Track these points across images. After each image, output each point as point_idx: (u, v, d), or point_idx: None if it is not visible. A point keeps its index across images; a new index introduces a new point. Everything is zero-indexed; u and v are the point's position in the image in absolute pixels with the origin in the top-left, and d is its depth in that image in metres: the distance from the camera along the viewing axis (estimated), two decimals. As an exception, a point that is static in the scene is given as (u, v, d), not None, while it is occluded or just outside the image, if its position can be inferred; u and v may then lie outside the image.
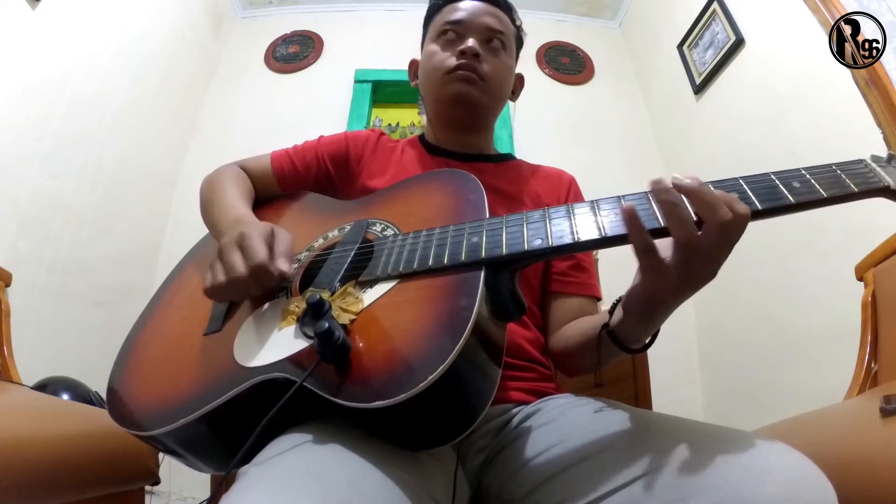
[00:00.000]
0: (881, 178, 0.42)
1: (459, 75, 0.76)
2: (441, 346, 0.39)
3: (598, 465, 0.45)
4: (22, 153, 1.58)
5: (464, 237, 0.49)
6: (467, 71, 0.76)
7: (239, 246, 0.52)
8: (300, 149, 0.83)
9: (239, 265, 0.50)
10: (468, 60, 0.76)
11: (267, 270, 0.50)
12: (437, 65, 0.78)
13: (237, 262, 0.51)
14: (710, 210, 0.40)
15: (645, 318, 0.49)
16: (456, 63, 0.76)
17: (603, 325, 0.55)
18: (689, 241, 0.41)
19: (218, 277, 0.51)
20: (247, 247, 0.51)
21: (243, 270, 0.50)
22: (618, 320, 0.52)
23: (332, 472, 0.37)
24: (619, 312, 0.52)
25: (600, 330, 0.55)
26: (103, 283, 1.89)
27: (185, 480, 1.77)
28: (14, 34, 1.55)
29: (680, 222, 0.41)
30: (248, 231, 0.53)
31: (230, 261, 0.51)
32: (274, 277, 0.51)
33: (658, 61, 2.61)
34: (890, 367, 0.98)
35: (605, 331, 0.55)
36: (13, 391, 1.03)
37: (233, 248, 0.52)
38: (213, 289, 0.52)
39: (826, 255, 1.48)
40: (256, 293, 0.53)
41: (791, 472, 0.36)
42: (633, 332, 0.52)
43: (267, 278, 0.50)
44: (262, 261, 0.50)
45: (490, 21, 0.80)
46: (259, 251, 0.51)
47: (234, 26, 2.90)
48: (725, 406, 1.97)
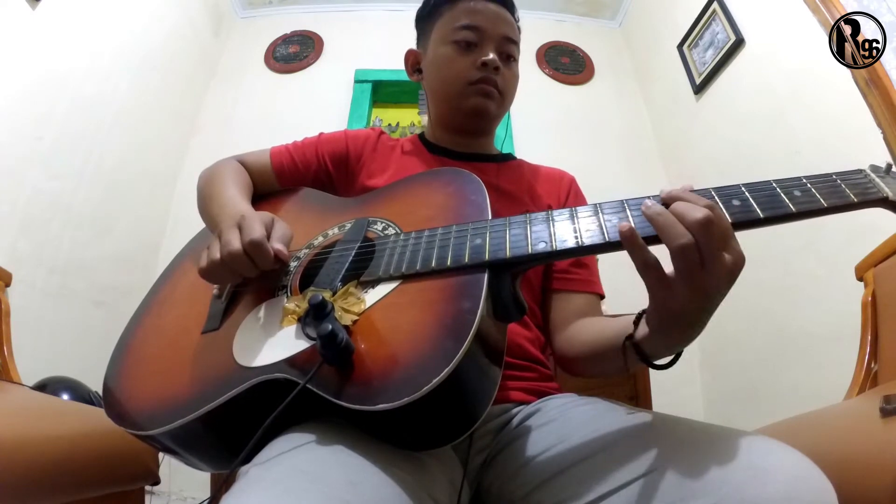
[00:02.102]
0: (880, 189, 0.43)
1: (480, 89, 0.76)
2: (445, 349, 0.39)
3: (598, 465, 0.45)
4: (22, 153, 1.57)
5: (466, 238, 0.49)
6: (489, 86, 0.76)
7: (238, 225, 0.53)
8: (300, 145, 0.82)
9: (235, 241, 0.51)
10: (490, 74, 0.76)
11: (263, 247, 0.50)
12: (457, 74, 0.77)
13: (233, 238, 0.51)
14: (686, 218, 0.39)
15: (664, 334, 0.46)
16: (479, 76, 0.76)
17: (627, 337, 0.52)
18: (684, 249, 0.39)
19: (213, 255, 0.52)
20: (245, 226, 0.52)
21: (238, 246, 0.50)
22: (643, 335, 0.50)
23: (332, 473, 0.37)
24: (643, 327, 0.50)
25: (625, 341, 0.52)
26: (103, 283, 1.89)
27: (185, 480, 1.77)
28: (14, 34, 1.55)
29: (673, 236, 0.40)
30: (248, 214, 0.54)
31: (227, 237, 0.52)
32: (269, 257, 0.51)
33: (658, 61, 2.60)
34: (890, 367, 0.98)
35: (629, 342, 0.52)
36: (13, 391, 1.02)
37: (231, 228, 0.53)
38: (208, 267, 0.52)
39: (826, 255, 1.48)
40: (251, 273, 0.52)
41: (791, 472, 0.36)
42: (657, 349, 0.49)
43: (263, 257, 0.51)
44: (260, 237, 0.50)
45: (506, 30, 0.79)
46: (256, 229, 0.51)
47: (234, 26, 2.90)
48: (725, 406, 1.97)
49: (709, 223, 0.39)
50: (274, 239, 0.53)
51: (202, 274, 0.53)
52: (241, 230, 0.52)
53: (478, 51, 0.77)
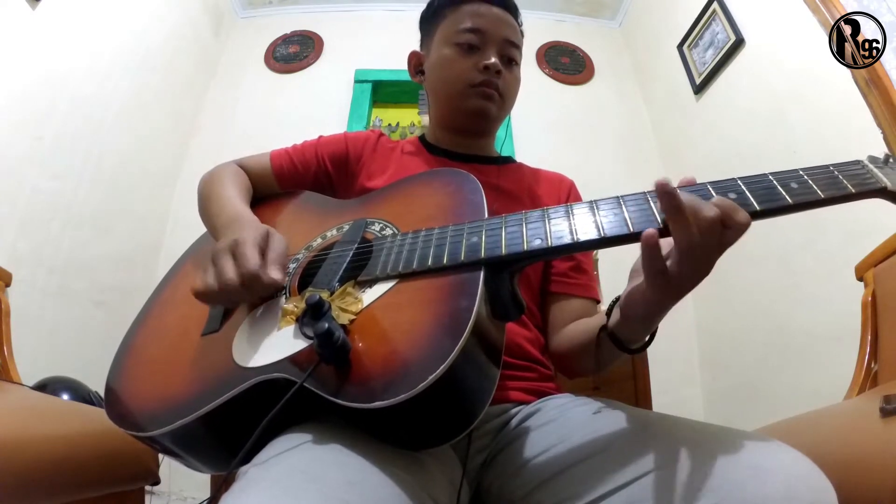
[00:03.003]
0: (878, 179, 0.42)
1: (482, 91, 0.77)
2: (441, 346, 0.39)
3: (598, 465, 0.45)
4: (22, 153, 1.57)
5: (463, 237, 0.49)
6: (490, 88, 0.77)
7: (232, 252, 0.51)
8: (299, 148, 0.83)
9: (230, 272, 0.49)
10: (491, 77, 0.76)
11: (258, 279, 0.49)
12: (459, 75, 0.77)
13: (228, 269, 0.49)
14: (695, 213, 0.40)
15: (648, 320, 0.49)
16: (481, 79, 0.76)
17: (601, 328, 0.55)
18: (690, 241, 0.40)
19: (209, 283, 0.50)
20: (239, 254, 0.50)
21: (234, 278, 0.49)
22: (616, 322, 0.52)
23: (331, 473, 0.37)
24: (616, 315, 0.52)
25: (598, 332, 0.55)
26: (103, 283, 1.89)
27: (185, 480, 1.77)
28: (14, 34, 1.55)
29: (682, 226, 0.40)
30: (242, 237, 0.52)
31: (222, 268, 0.50)
32: (265, 286, 0.49)
33: (658, 61, 2.60)
34: (890, 367, 0.98)
35: (603, 333, 0.54)
36: (13, 391, 1.03)
37: (225, 255, 0.51)
38: (203, 293, 0.51)
39: (826, 254, 1.48)
40: (248, 301, 0.52)
41: (791, 472, 0.36)
42: (636, 334, 0.51)
43: (258, 287, 0.49)
44: (254, 269, 0.49)
45: (509, 33, 0.79)
46: (251, 259, 0.50)
47: (234, 26, 2.90)
48: (725, 406, 1.97)
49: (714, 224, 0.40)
50: (269, 263, 0.51)
51: (197, 297, 0.51)
52: (236, 258, 0.50)
53: (480, 53, 0.77)
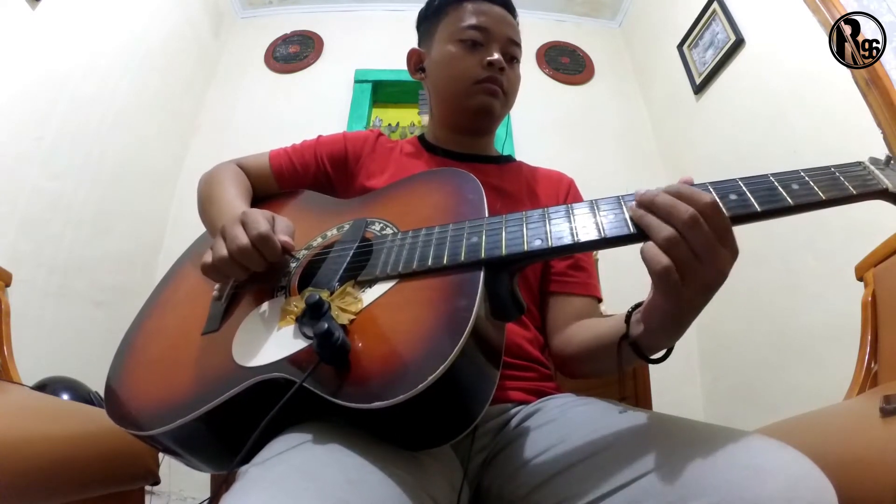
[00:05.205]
0: (879, 181, 0.42)
1: (486, 88, 0.77)
2: (440, 346, 0.39)
3: (598, 466, 0.45)
4: (22, 153, 1.57)
5: (463, 237, 0.49)
6: (495, 85, 0.77)
7: (241, 221, 0.53)
8: (299, 148, 0.82)
9: (242, 236, 0.51)
10: (495, 74, 0.77)
11: (270, 239, 0.51)
12: (462, 72, 0.78)
13: (239, 233, 0.51)
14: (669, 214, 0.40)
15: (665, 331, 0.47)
16: (485, 75, 0.76)
17: (622, 336, 0.53)
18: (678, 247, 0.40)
19: (220, 251, 0.51)
20: (250, 220, 0.52)
21: (246, 240, 0.50)
22: (639, 333, 0.50)
23: (330, 473, 0.37)
24: (639, 325, 0.50)
25: (620, 340, 0.53)
26: (103, 283, 1.89)
27: (185, 480, 1.77)
28: (14, 34, 1.54)
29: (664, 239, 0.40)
30: (249, 211, 0.54)
31: (232, 233, 0.51)
32: (277, 249, 0.51)
33: (658, 61, 2.60)
34: (890, 367, 0.97)
35: (626, 341, 0.52)
36: (13, 391, 1.02)
37: (235, 224, 0.53)
38: (214, 263, 0.52)
39: (826, 254, 1.48)
40: (259, 267, 0.52)
41: (791, 472, 0.36)
42: (658, 344, 0.50)
43: (270, 248, 0.51)
44: (265, 230, 0.51)
45: (511, 32, 0.80)
46: (262, 223, 0.51)
47: (234, 26, 2.90)
48: (725, 406, 1.96)
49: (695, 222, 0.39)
50: (278, 232, 0.53)
51: (206, 270, 0.53)
52: (246, 225, 0.52)
53: (483, 51, 0.78)
